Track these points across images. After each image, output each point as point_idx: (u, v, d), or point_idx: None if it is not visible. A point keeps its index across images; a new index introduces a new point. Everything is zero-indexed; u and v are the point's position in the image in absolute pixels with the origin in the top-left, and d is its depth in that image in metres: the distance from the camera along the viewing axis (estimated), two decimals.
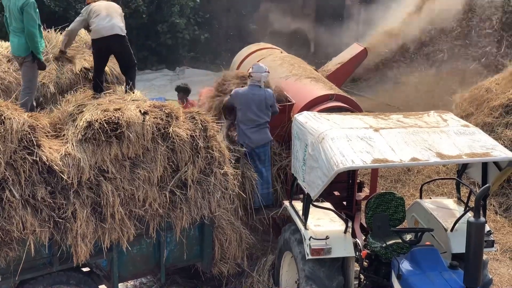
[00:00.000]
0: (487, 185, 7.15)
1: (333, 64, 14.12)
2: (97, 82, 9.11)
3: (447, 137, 7.47)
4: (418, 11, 16.78)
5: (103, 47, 9.07)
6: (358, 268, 8.19)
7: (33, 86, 8.55)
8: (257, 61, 12.01)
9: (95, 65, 9.25)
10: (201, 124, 8.09)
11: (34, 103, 8.62)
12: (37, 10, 8.43)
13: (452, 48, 17.74)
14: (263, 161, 9.72)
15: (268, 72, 9.88)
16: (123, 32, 9.05)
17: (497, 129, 12.49)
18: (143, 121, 7.60)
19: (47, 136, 7.41)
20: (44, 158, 7.07)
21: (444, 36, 17.99)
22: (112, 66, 9.53)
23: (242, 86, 9.92)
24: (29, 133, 7.03)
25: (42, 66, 8.62)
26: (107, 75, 9.49)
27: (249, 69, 9.92)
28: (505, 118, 12.79)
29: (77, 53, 9.63)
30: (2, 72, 8.85)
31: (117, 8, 9.30)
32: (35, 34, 8.38)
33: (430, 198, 9.31)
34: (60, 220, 7.22)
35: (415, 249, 7.48)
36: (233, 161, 8.89)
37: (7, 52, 9.12)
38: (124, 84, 9.10)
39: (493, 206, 11.74)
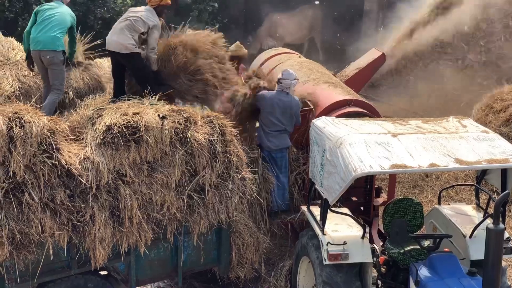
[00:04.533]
0: (506, 191, 7.09)
1: (351, 69, 14.10)
2: (115, 89, 9.17)
3: (466, 143, 7.42)
4: (438, 15, 16.72)
5: (111, 58, 9.18)
6: (376, 274, 8.16)
7: (64, 87, 8.85)
8: (274, 67, 12.05)
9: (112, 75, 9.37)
10: (219, 128, 8.11)
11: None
12: None
13: (473, 53, 17.62)
14: (279, 166, 9.71)
15: (297, 79, 9.91)
16: (127, 50, 8.92)
17: None
18: (162, 125, 7.63)
19: (66, 139, 7.46)
20: (63, 162, 7.11)
21: (464, 41, 17.87)
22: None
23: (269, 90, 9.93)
24: (48, 137, 7.07)
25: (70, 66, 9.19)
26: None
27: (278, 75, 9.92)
28: None
29: None
30: (22, 76, 8.93)
31: (133, 23, 9.05)
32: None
33: (449, 204, 9.25)
34: (78, 223, 7.26)
35: (433, 255, 7.44)
36: (250, 164, 8.89)
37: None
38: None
39: None
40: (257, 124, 10.00)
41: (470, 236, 7.82)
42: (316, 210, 8.27)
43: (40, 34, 8.65)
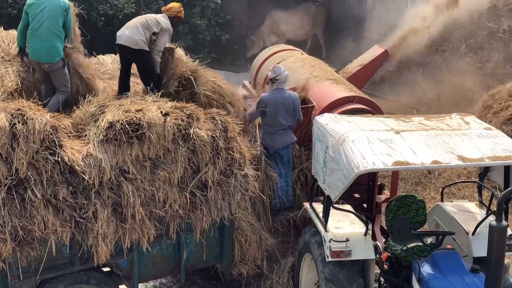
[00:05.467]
0: (509, 188, 7.07)
1: (354, 66, 14.11)
2: (120, 85, 9.16)
3: (469, 140, 7.41)
4: (441, 11, 16.70)
5: (120, 52, 9.14)
6: (378, 271, 8.16)
7: (69, 87, 8.73)
8: (277, 63, 12.03)
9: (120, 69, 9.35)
10: (221, 125, 8.11)
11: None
12: None
13: (477, 50, 17.59)
14: (284, 162, 9.71)
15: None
16: (137, 45, 8.88)
17: None
18: (164, 122, 7.63)
19: (69, 136, 7.46)
20: (66, 159, 7.11)
21: (469, 38, 17.84)
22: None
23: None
24: (51, 134, 7.08)
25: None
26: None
27: (269, 73, 9.84)
28: None
29: None
30: (23, 72, 8.90)
31: (147, 21, 9.07)
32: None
33: (452, 201, 9.24)
34: (81, 220, 7.28)
35: (436, 252, 7.44)
36: (252, 161, 8.88)
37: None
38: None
39: None
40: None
41: (473, 233, 7.82)
42: (319, 207, 8.27)
43: (36, 45, 8.49)
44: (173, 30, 9.31)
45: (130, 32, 8.92)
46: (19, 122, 6.90)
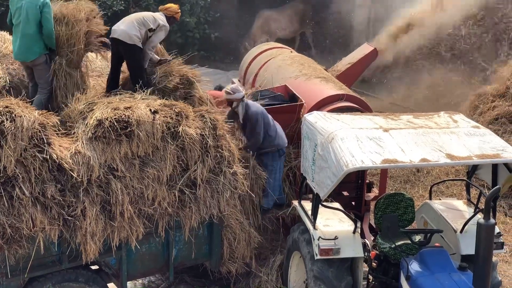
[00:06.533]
0: (497, 186, 7.12)
1: (343, 64, 14.12)
2: (109, 82, 9.11)
3: (457, 138, 7.44)
4: (431, 9, 16.74)
5: (113, 47, 9.10)
6: (367, 269, 8.17)
7: (50, 86, 8.59)
8: (267, 61, 12.04)
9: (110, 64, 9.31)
10: (210, 122, 8.10)
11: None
12: None
13: (465, 49, 17.64)
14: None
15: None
16: (130, 40, 8.81)
17: (503, 137, 12.41)
18: (153, 119, 7.61)
19: (57, 134, 7.43)
20: (54, 156, 7.09)
21: (458, 37, 17.89)
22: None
23: None
24: (39, 131, 7.05)
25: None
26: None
27: (230, 92, 9.58)
28: (508, 126, 12.76)
29: None
30: (12, 70, 8.87)
31: (144, 18, 9.06)
32: (53, 32, 8.42)
33: (440, 199, 9.28)
34: (69, 218, 7.24)
35: (424, 250, 7.46)
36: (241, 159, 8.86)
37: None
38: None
39: (503, 207, 11.69)
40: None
41: (461, 231, 7.85)
42: (308, 205, 8.28)
43: (15, 42, 8.42)
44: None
45: (126, 27, 8.90)
46: (7, 120, 6.87)
